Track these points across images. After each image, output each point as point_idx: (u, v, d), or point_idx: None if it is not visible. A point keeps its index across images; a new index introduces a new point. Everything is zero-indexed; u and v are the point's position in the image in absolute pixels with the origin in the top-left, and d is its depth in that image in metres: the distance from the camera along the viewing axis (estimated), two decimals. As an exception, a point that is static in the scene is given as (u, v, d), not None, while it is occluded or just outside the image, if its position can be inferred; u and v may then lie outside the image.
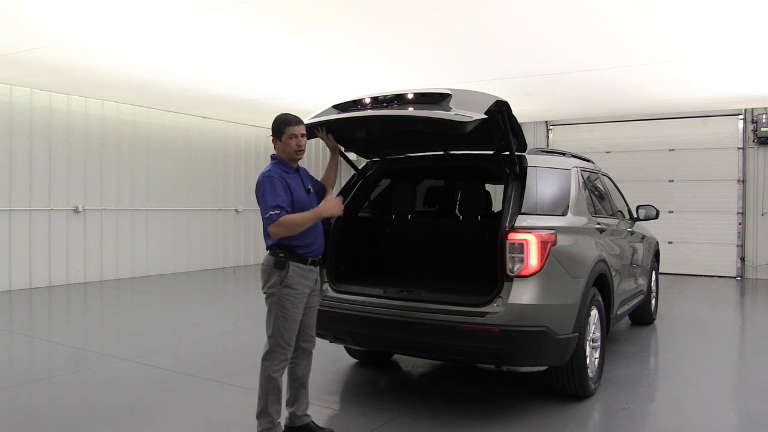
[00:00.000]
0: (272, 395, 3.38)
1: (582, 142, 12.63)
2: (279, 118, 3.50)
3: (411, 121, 3.80)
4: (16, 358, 5.85)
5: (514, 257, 3.75)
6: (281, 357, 3.39)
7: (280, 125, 3.47)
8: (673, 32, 6.45)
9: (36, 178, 9.63)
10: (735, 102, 10.79)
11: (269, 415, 3.39)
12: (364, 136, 4.19)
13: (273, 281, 3.37)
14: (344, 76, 8.44)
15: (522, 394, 4.48)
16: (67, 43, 6.78)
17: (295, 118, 3.50)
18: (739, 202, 11.53)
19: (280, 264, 3.35)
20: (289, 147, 3.45)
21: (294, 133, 3.44)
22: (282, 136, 3.45)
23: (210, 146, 12.55)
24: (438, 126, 3.68)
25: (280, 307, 3.36)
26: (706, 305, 8.74)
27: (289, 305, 3.37)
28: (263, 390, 3.39)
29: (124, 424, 3.90)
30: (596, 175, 5.72)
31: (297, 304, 3.40)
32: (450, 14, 5.92)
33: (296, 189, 3.42)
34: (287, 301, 3.36)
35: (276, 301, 3.37)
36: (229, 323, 7.62)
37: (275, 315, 3.37)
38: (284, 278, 3.35)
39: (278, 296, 3.36)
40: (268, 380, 3.37)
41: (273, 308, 3.38)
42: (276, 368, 3.38)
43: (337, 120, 3.96)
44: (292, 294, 3.37)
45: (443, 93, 3.76)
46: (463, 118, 3.49)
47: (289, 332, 3.40)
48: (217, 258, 12.69)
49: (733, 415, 4.28)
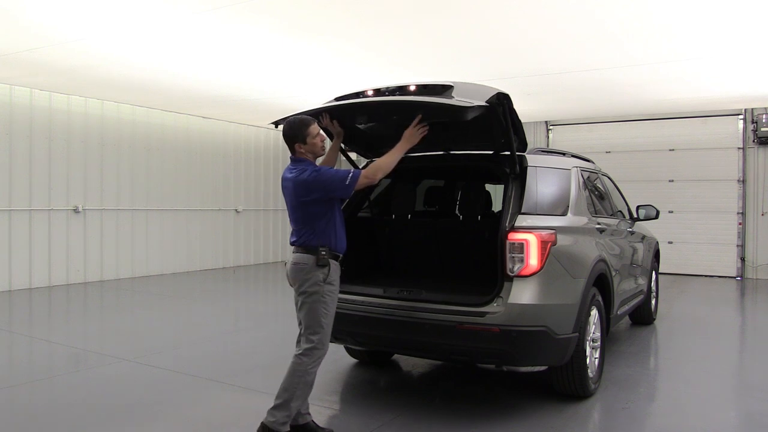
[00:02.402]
0: (301, 391, 3.39)
1: (582, 142, 12.62)
2: (294, 123, 3.52)
3: (413, 107, 3.81)
4: (16, 358, 5.85)
5: (514, 257, 3.75)
6: (321, 353, 3.45)
7: (301, 129, 3.50)
8: (673, 32, 6.45)
9: (36, 178, 9.63)
10: (735, 102, 10.79)
11: (290, 409, 3.37)
12: (366, 124, 4.17)
13: (315, 279, 3.42)
14: (344, 76, 8.45)
15: (522, 394, 4.48)
16: (67, 43, 6.78)
17: (309, 117, 3.57)
18: (739, 202, 11.52)
19: (323, 262, 3.43)
20: (316, 146, 3.52)
21: (316, 131, 3.52)
22: (306, 138, 3.49)
23: (210, 146, 12.55)
24: (440, 112, 3.69)
25: (324, 304, 3.43)
26: (706, 305, 8.74)
27: (331, 302, 3.47)
28: (293, 384, 3.37)
29: (124, 424, 3.90)
30: (596, 175, 5.71)
31: (335, 301, 3.53)
32: (450, 14, 5.92)
33: None
34: (329, 298, 3.46)
35: (319, 299, 3.42)
36: (229, 323, 7.62)
37: (319, 312, 3.42)
38: (327, 276, 3.43)
39: (321, 293, 3.42)
40: (305, 375, 3.39)
41: (316, 306, 3.43)
42: (315, 365, 3.43)
43: (340, 107, 3.96)
44: (333, 291, 3.49)
45: (445, 85, 3.78)
46: (465, 103, 3.51)
47: (330, 328, 3.49)
48: (217, 258, 12.69)
49: (733, 415, 4.28)
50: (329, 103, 4.08)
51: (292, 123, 3.53)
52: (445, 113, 3.69)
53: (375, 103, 3.91)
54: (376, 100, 3.90)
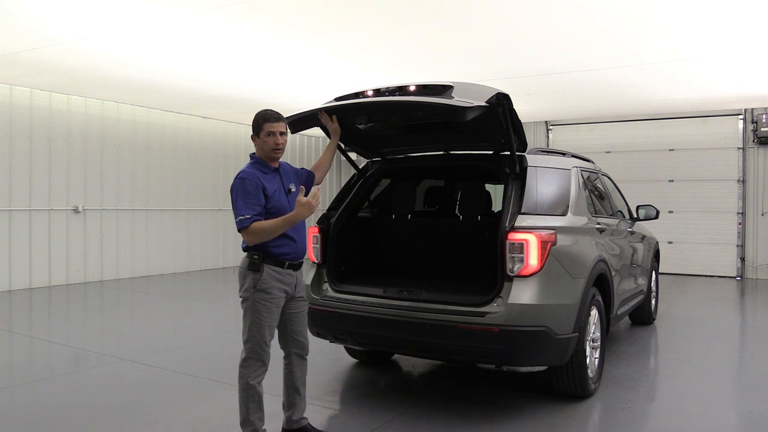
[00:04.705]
0: (253, 403, 3.26)
1: (582, 142, 12.63)
2: (258, 113, 3.33)
3: (412, 107, 3.79)
4: (16, 358, 5.85)
5: (514, 257, 3.75)
6: (258, 364, 3.27)
7: (258, 121, 3.28)
8: (674, 32, 6.45)
9: (36, 178, 9.63)
10: (735, 102, 10.79)
11: (252, 423, 3.27)
12: (365, 124, 4.16)
13: (247, 285, 3.24)
14: (344, 76, 8.45)
15: (522, 394, 4.48)
16: (67, 43, 6.78)
17: (275, 114, 3.31)
18: (739, 202, 11.53)
19: (254, 267, 3.22)
20: (266, 145, 3.27)
21: (272, 130, 3.25)
22: (260, 133, 3.26)
23: (210, 146, 12.55)
24: (439, 112, 3.69)
25: (254, 312, 3.22)
26: (706, 305, 8.74)
27: (264, 310, 3.22)
28: (243, 398, 3.27)
29: (124, 424, 3.90)
30: (596, 175, 5.71)
31: (272, 309, 3.25)
32: (450, 14, 5.92)
33: (273, 191, 3.26)
34: (261, 306, 3.22)
35: (250, 305, 3.23)
36: (229, 323, 7.61)
37: (250, 320, 3.24)
38: (258, 282, 3.21)
39: (252, 301, 3.22)
40: (247, 388, 3.25)
41: (247, 313, 3.25)
42: (254, 375, 3.26)
43: (340, 107, 3.96)
44: (266, 299, 3.22)
45: (445, 85, 3.77)
46: (465, 104, 3.50)
47: (265, 338, 3.25)
48: (217, 258, 12.69)
49: (733, 415, 4.27)
50: (329, 103, 4.09)
51: (257, 113, 3.34)
52: (445, 113, 3.68)
53: (375, 103, 3.90)
54: (376, 101, 3.89)
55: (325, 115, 3.96)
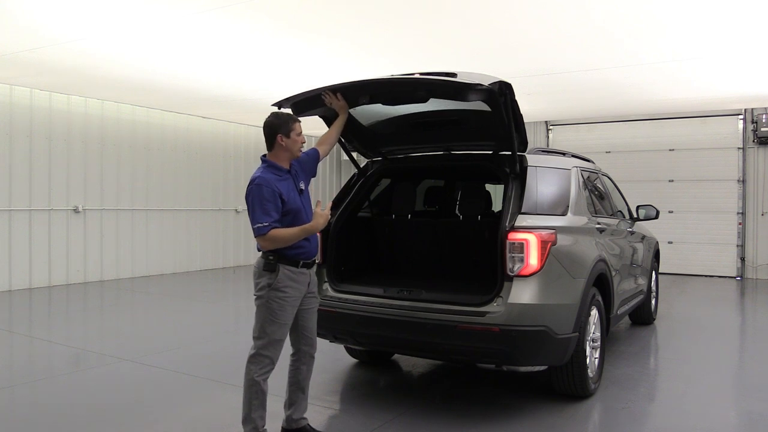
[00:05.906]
0: (256, 400, 3.31)
1: (582, 142, 12.63)
2: (283, 115, 3.44)
3: (416, 85, 3.79)
4: (16, 358, 5.85)
5: (514, 257, 3.75)
6: (266, 361, 3.32)
7: (288, 122, 3.39)
8: (674, 32, 6.45)
9: (36, 178, 9.63)
10: (735, 102, 10.79)
11: (252, 421, 3.31)
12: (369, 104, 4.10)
13: (262, 284, 3.31)
14: (344, 76, 8.42)
15: (522, 394, 4.48)
16: (67, 43, 6.77)
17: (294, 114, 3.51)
18: (739, 202, 11.53)
19: (270, 267, 3.29)
20: (296, 144, 3.40)
21: (301, 130, 3.41)
22: (291, 133, 3.37)
23: (210, 146, 12.54)
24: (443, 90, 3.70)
25: (269, 310, 3.30)
26: (706, 305, 8.74)
27: (278, 309, 3.30)
28: (247, 395, 3.32)
29: (124, 424, 3.90)
30: (596, 175, 5.71)
31: (286, 308, 3.33)
32: (450, 14, 5.92)
33: (288, 194, 3.33)
34: (276, 305, 3.29)
35: (264, 303, 3.30)
36: (229, 323, 7.62)
37: (263, 318, 3.31)
38: (274, 281, 3.29)
39: (267, 299, 3.30)
40: (252, 384, 3.30)
41: (261, 311, 3.32)
42: (261, 372, 3.31)
43: (344, 85, 3.93)
44: (281, 297, 3.30)
45: (449, 73, 3.78)
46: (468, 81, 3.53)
47: (277, 336, 3.33)
48: (217, 258, 12.69)
49: (733, 415, 4.27)
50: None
51: (280, 116, 3.43)
52: (448, 91, 3.69)
53: (379, 81, 3.90)
54: (380, 79, 3.90)
55: (329, 94, 3.93)
